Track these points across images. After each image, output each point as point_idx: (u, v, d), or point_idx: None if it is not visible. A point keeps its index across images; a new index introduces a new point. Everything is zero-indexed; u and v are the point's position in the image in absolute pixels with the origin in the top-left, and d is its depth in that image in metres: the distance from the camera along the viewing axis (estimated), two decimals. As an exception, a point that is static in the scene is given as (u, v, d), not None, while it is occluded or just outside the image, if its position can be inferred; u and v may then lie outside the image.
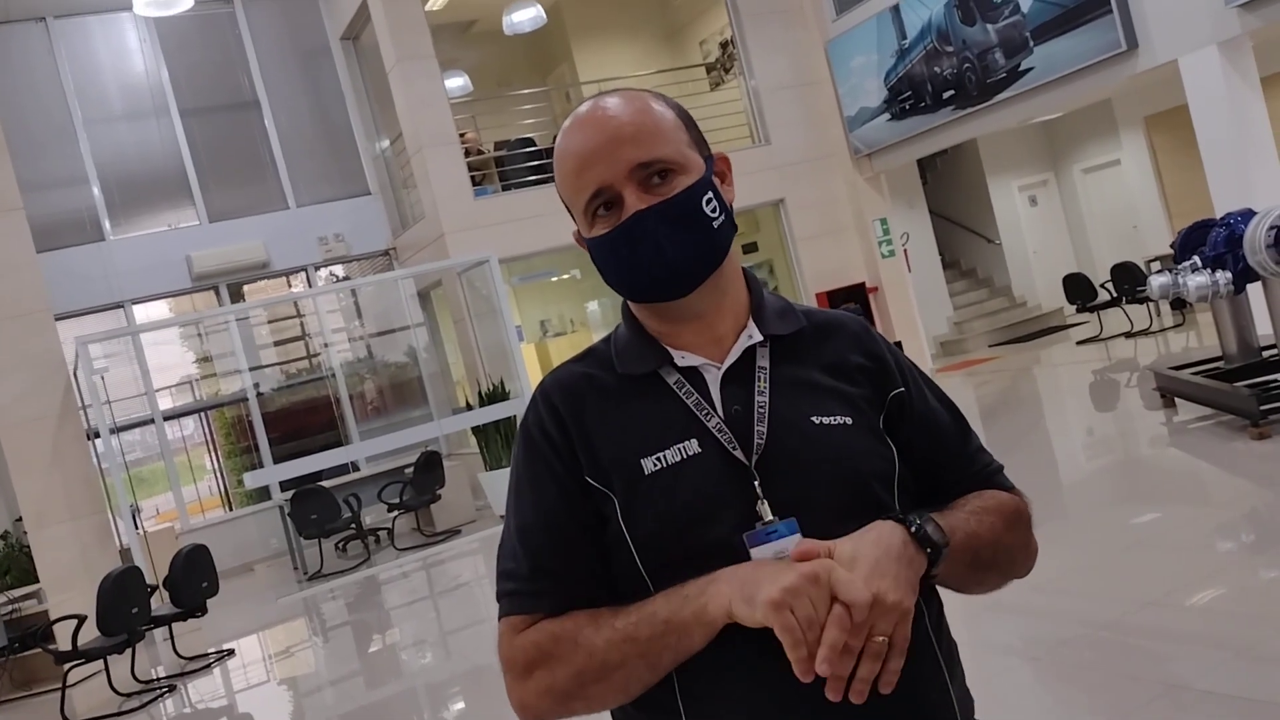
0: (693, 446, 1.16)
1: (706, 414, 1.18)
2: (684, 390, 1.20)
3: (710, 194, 1.20)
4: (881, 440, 1.21)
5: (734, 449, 1.15)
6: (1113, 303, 12.62)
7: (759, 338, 1.23)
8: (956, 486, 1.25)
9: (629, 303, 1.28)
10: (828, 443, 1.17)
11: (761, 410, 1.18)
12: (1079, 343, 12.95)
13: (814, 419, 1.18)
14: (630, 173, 1.17)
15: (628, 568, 1.15)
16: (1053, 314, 15.06)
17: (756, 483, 1.14)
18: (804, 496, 1.13)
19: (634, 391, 1.21)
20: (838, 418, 1.19)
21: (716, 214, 1.20)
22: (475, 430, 10.63)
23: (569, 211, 1.27)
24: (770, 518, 1.12)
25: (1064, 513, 6.17)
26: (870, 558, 1.05)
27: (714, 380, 1.21)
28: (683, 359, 1.21)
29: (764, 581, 1.03)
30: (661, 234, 1.16)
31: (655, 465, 1.15)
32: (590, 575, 1.15)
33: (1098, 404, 9.92)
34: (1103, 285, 12.76)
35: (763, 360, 1.22)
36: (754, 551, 1.11)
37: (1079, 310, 13.28)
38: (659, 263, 1.17)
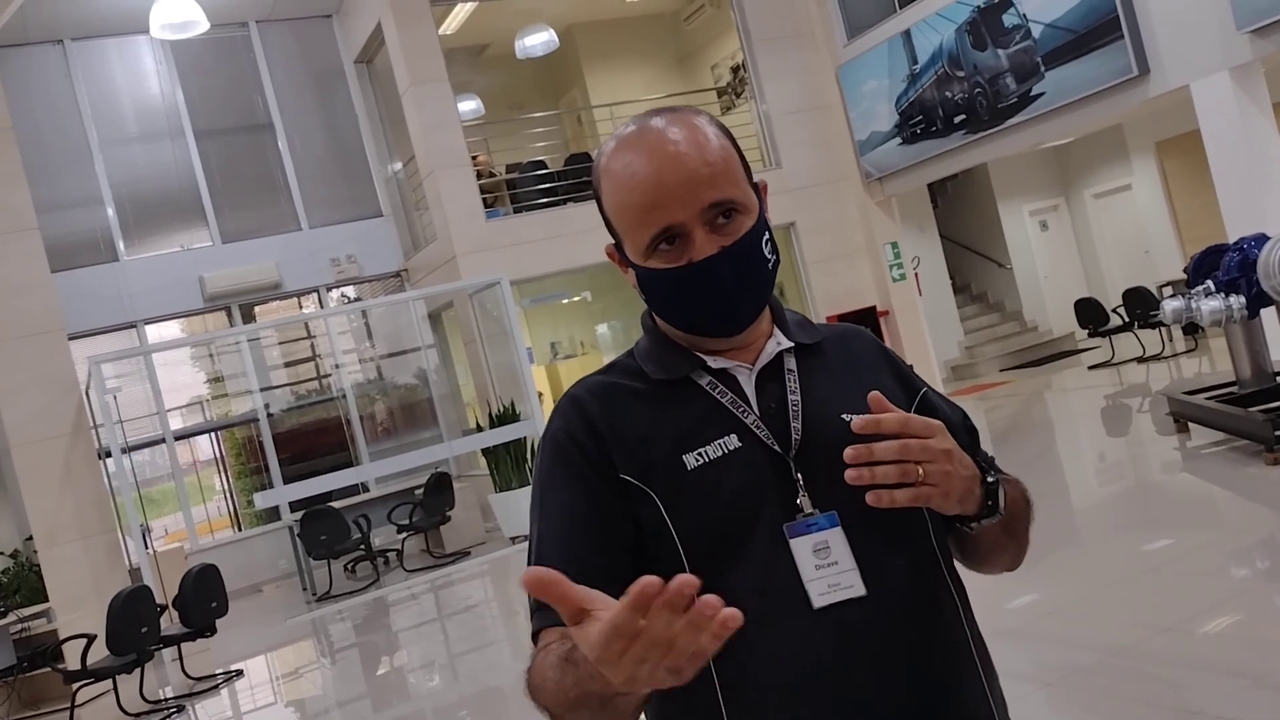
0: (733, 441, 1.18)
1: (744, 411, 1.20)
2: (718, 390, 1.22)
3: (767, 234, 1.23)
4: None
5: (772, 444, 1.18)
6: (1125, 327, 12.58)
7: (787, 344, 1.26)
8: None
9: (654, 315, 1.28)
10: (858, 439, 1.17)
11: (795, 408, 1.21)
12: (1091, 367, 12.92)
13: (844, 416, 1.20)
14: (702, 212, 1.17)
15: (670, 564, 1.15)
16: (1064, 338, 15.02)
17: (798, 476, 1.17)
18: (839, 490, 1.14)
19: (667, 394, 1.23)
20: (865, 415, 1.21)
21: (771, 254, 1.23)
22: (485, 452, 10.63)
23: (613, 230, 1.25)
24: (810, 510, 1.15)
25: (1077, 538, 6.13)
26: (952, 439, 1.12)
27: (747, 380, 1.23)
28: (715, 361, 1.24)
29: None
30: (729, 278, 1.18)
31: (698, 460, 1.17)
32: (627, 582, 1.13)
33: (1110, 429, 9.87)
34: (1114, 310, 12.73)
35: (791, 364, 1.25)
36: (794, 543, 1.14)
37: (1090, 335, 13.25)
38: (722, 305, 1.19)
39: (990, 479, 1.16)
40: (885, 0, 12.30)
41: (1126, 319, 12.45)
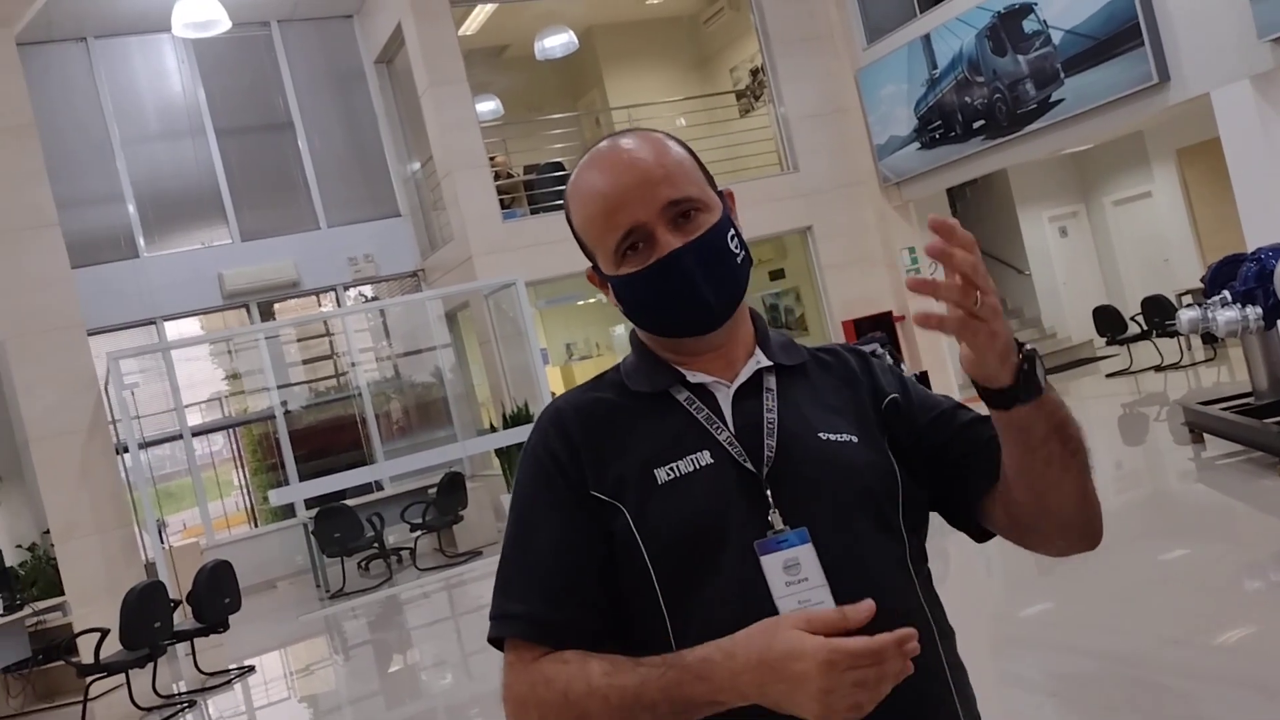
0: (705, 458, 1.19)
1: (717, 428, 1.21)
2: (694, 406, 1.23)
3: (732, 230, 1.24)
4: (886, 458, 1.24)
5: (744, 461, 1.18)
6: (1143, 336, 12.52)
7: (767, 362, 1.27)
8: (976, 454, 1.24)
9: (639, 330, 1.30)
10: (834, 457, 1.20)
11: (770, 425, 1.21)
12: (1108, 375, 12.85)
13: (820, 435, 1.21)
14: (662, 211, 1.20)
15: (639, 578, 1.17)
16: (1082, 346, 14.95)
17: (768, 492, 1.17)
18: (812, 508, 1.16)
19: (646, 409, 1.24)
20: (843, 435, 1.22)
21: (739, 250, 1.24)
22: (498, 452, 10.66)
23: (584, 249, 1.30)
24: (781, 527, 1.15)
25: (1090, 547, 6.09)
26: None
27: (725, 398, 1.24)
28: (694, 377, 1.25)
29: (794, 683, 1.02)
30: (695, 271, 1.20)
31: (669, 475, 1.18)
32: (596, 602, 1.16)
33: (1126, 438, 9.82)
34: (1133, 318, 12.66)
35: (770, 383, 1.26)
36: (764, 559, 1.14)
37: (1109, 343, 13.18)
38: (692, 299, 1.21)
39: (1025, 348, 1.09)
40: (906, 4, 12.28)
41: (1145, 327, 12.39)
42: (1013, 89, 11.06)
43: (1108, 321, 13.02)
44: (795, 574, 1.13)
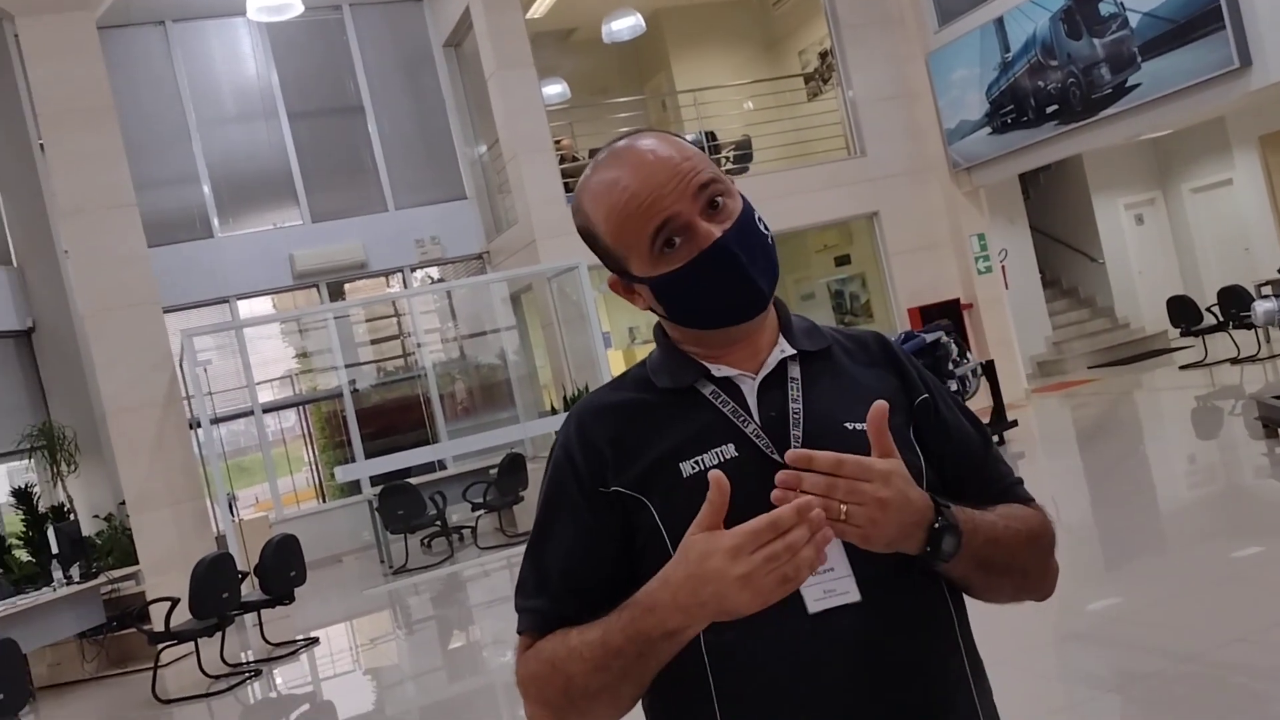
0: (730, 451, 1.19)
1: (744, 420, 1.21)
2: (720, 400, 1.23)
3: (755, 212, 1.24)
4: (910, 448, 1.23)
5: (771, 452, 1.18)
6: (1219, 327, 12.19)
7: (791, 351, 1.26)
8: (978, 496, 1.25)
9: (664, 326, 1.30)
10: (859, 448, 1.17)
11: (796, 416, 1.21)
12: (1182, 367, 12.56)
13: (847, 425, 1.20)
14: (695, 197, 1.19)
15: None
16: (1156, 337, 14.62)
17: None
18: None
19: (672, 404, 1.24)
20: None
21: (767, 230, 1.25)
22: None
23: (607, 256, 1.28)
24: None
25: (1160, 542, 5.99)
26: (901, 486, 1.09)
27: (750, 390, 1.24)
28: (719, 370, 1.25)
29: (717, 581, 1.03)
30: (741, 255, 1.19)
31: (694, 469, 1.18)
32: (600, 602, 1.16)
33: (1199, 432, 9.60)
34: (1209, 309, 12.34)
35: (794, 372, 1.25)
36: None
37: (1183, 334, 12.87)
38: (743, 284, 1.20)
39: (938, 524, 1.12)
40: (978, -13, 12.05)
41: (1221, 318, 12.07)
42: (1087, 73, 10.81)
43: (1182, 312, 12.71)
44: (822, 564, 1.13)
